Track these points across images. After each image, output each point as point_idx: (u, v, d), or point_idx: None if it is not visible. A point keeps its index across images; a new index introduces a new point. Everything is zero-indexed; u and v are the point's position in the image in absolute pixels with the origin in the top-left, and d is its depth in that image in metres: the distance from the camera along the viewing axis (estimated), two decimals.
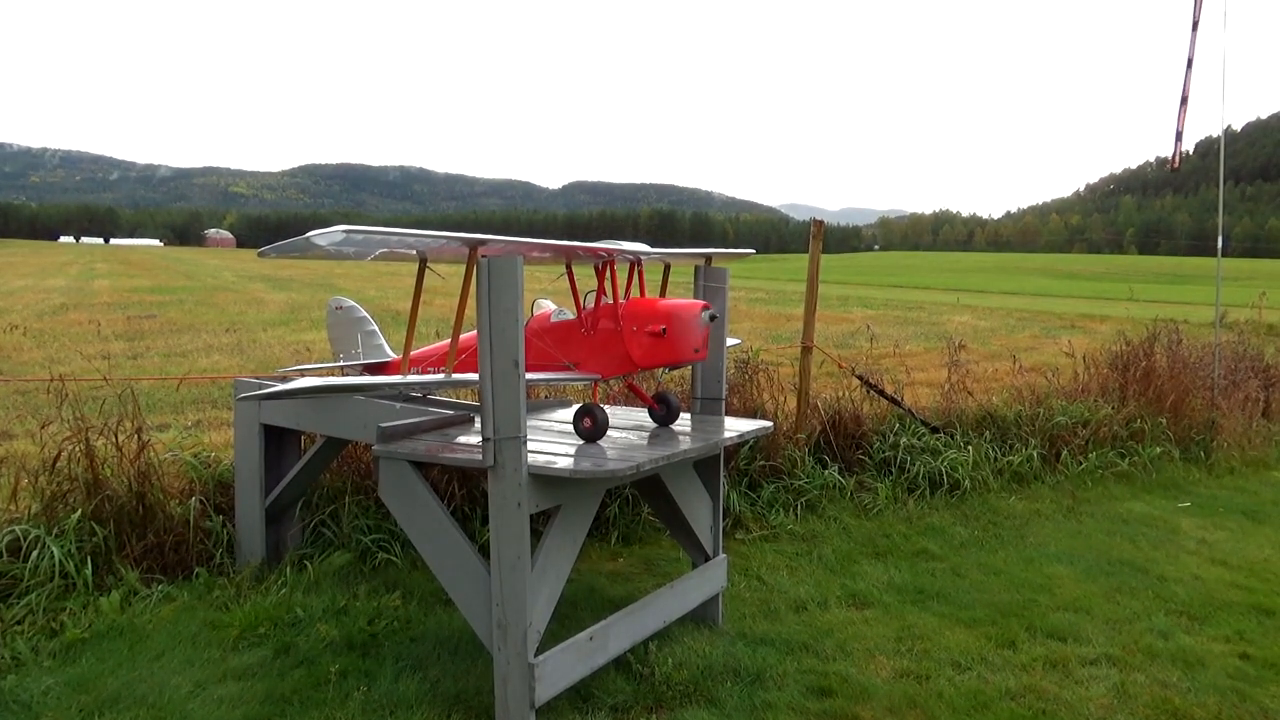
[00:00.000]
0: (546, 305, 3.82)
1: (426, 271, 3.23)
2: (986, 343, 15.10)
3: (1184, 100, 7.35)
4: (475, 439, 3.10)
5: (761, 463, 5.60)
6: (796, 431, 5.91)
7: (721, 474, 3.93)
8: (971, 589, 4.35)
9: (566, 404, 4.29)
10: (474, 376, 3.03)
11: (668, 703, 3.16)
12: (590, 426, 3.26)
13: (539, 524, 3.18)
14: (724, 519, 4.19)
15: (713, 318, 3.36)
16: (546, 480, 2.84)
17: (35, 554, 3.80)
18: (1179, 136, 7.63)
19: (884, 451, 6.05)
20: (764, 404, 5.95)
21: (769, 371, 6.12)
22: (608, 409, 3.60)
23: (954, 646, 3.68)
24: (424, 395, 4.10)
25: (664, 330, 3.28)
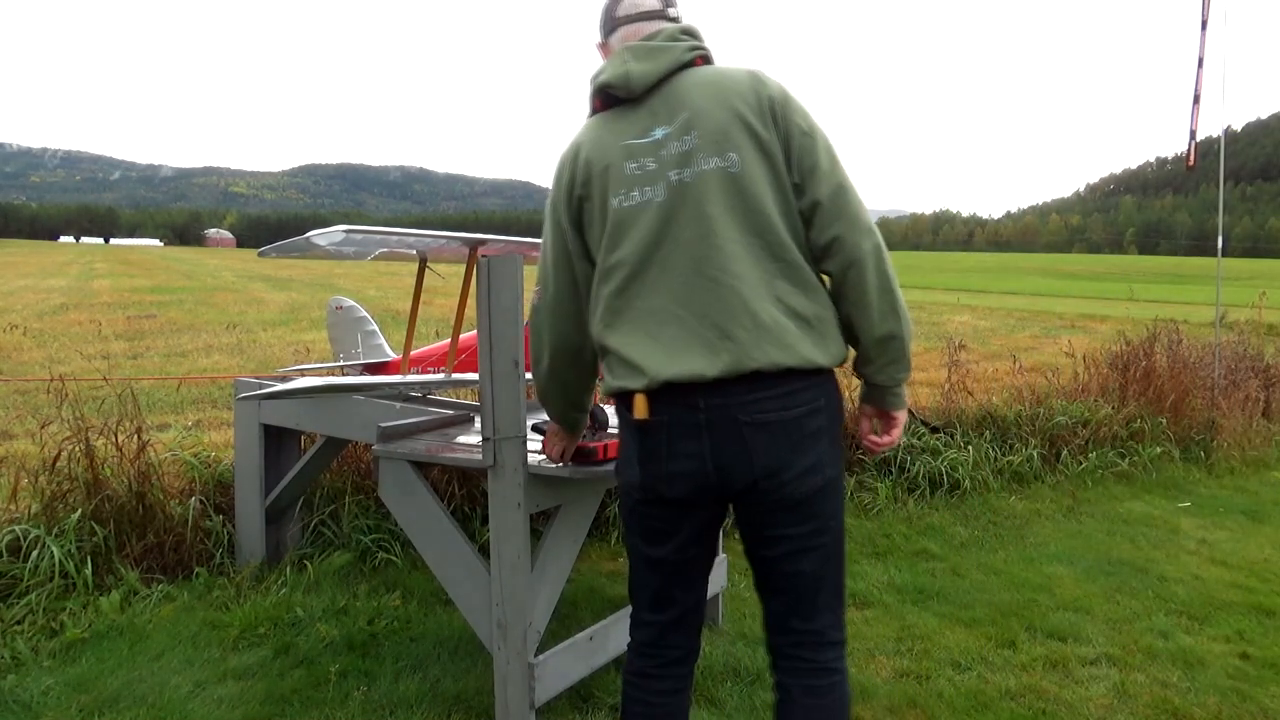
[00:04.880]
0: None
1: (426, 271, 3.23)
2: (986, 343, 15.10)
3: (1196, 99, 7.36)
4: (475, 439, 3.10)
5: None
6: None
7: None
8: (971, 589, 4.35)
9: None
10: (474, 376, 3.03)
11: None
12: (590, 426, 3.26)
13: (539, 524, 3.18)
14: (724, 519, 4.19)
15: None
16: (546, 480, 2.84)
17: (35, 554, 3.80)
18: (1193, 135, 7.64)
19: (883, 451, 6.03)
20: None
21: None
22: (608, 409, 3.60)
23: (954, 646, 3.68)
24: (424, 395, 4.11)
25: None
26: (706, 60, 1.96)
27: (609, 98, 1.95)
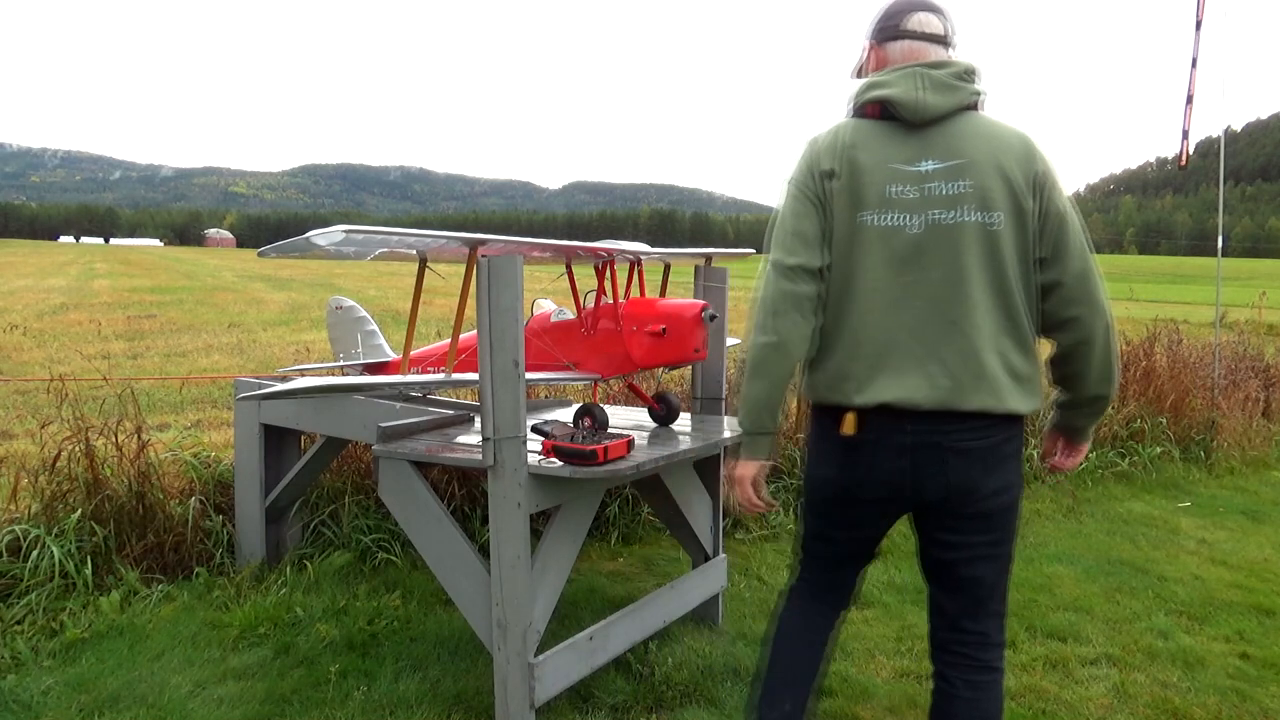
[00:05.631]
0: (546, 305, 3.82)
1: (426, 271, 3.23)
2: None
3: (1189, 99, 7.37)
4: (475, 439, 3.10)
5: None
6: (796, 431, 5.91)
7: (722, 474, 3.93)
8: None
9: (566, 404, 4.29)
10: (474, 376, 3.03)
11: (668, 703, 3.16)
12: (590, 426, 3.26)
13: (539, 524, 3.18)
14: (724, 519, 4.20)
15: (712, 318, 3.36)
16: (546, 480, 2.84)
17: (35, 554, 3.80)
18: (1185, 135, 7.64)
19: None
20: None
21: None
22: (608, 409, 3.60)
23: None
24: (424, 395, 4.10)
25: (664, 330, 3.28)
26: (981, 105, 2.07)
27: (887, 112, 2.02)
